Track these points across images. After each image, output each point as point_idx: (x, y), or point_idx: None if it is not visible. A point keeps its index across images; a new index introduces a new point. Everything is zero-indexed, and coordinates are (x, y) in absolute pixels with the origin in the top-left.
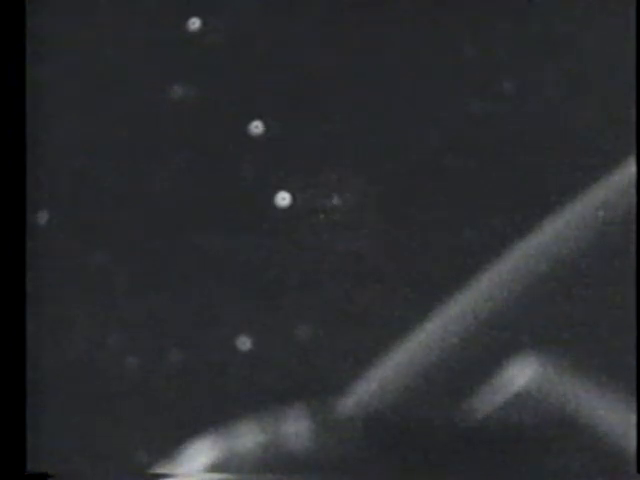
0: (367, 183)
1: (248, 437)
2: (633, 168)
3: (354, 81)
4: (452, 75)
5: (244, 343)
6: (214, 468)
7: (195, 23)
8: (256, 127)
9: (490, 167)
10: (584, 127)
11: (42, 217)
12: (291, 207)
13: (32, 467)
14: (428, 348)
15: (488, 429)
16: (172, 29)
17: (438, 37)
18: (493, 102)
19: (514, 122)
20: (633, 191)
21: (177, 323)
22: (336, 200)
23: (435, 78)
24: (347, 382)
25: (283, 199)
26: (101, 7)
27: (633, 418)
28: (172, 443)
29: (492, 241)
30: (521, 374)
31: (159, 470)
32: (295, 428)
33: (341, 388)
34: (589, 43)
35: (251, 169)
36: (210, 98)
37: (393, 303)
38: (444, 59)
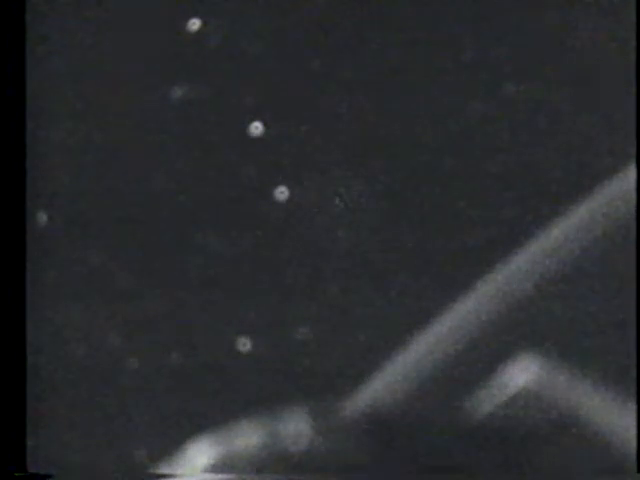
0: (367, 183)
1: (248, 437)
2: (633, 170)
3: (354, 81)
4: (452, 75)
5: (244, 344)
6: (214, 468)
7: (195, 24)
8: (256, 128)
9: (490, 168)
10: (584, 128)
11: (42, 217)
12: (290, 204)
13: (32, 467)
14: (429, 349)
15: (489, 430)
16: (172, 30)
17: (438, 38)
18: (493, 103)
19: (514, 123)
20: (633, 193)
21: (177, 324)
22: (337, 200)
23: (435, 78)
24: (347, 383)
25: (282, 193)
26: (101, 8)
27: (633, 418)
28: (172, 443)
29: (493, 242)
30: (521, 374)
31: (159, 470)
32: (295, 429)
33: (341, 389)
34: (589, 43)
35: (251, 170)
36: (210, 99)
37: (394, 303)
38: (444, 59)
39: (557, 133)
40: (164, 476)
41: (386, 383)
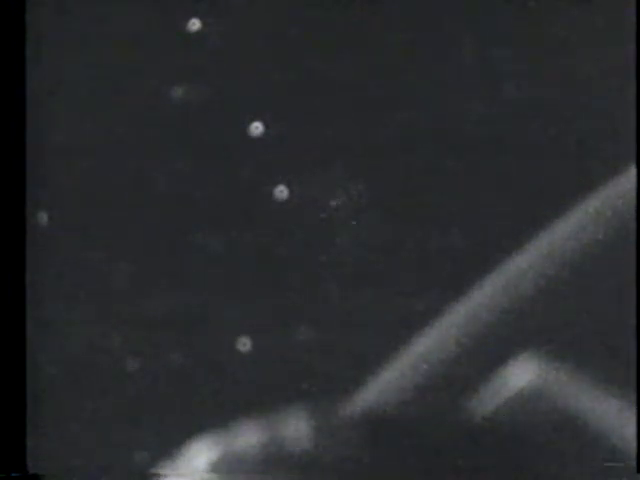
0: (367, 183)
1: (248, 437)
2: (633, 170)
3: (354, 82)
4: (452, 76)
5: (244, 344)
6: (214, 468)
7: (195, 24)
8: (256, 128)
9: (489, 168)
10: (584, 129)
11: (42, 217)
12: (290, 204)
13: (32, 467)
14: (429, 349)
15: (489, 430)
16: (172, 30)
17: (438, 38)
18: (493, 103)
19: (514, 123)
20: (633, 193)
21: (177, 324)
22: (337, 200)
23: (435, 79)
24: (347, 383)
25: (281, 192)
26: (101, 8)
27: (633, 418)
28: (172, 443)
29: (493, 242)
30: (521, 374)
31: (159, 470)
32: (295, 429)
33: (341, 389)
34: (589, 43)
35: (251, 170)
36: (210, 99)
37: (394, 303)
38: (444, 60)
39: (557, 134)
40: (164, 476)
41: (386, 383)
